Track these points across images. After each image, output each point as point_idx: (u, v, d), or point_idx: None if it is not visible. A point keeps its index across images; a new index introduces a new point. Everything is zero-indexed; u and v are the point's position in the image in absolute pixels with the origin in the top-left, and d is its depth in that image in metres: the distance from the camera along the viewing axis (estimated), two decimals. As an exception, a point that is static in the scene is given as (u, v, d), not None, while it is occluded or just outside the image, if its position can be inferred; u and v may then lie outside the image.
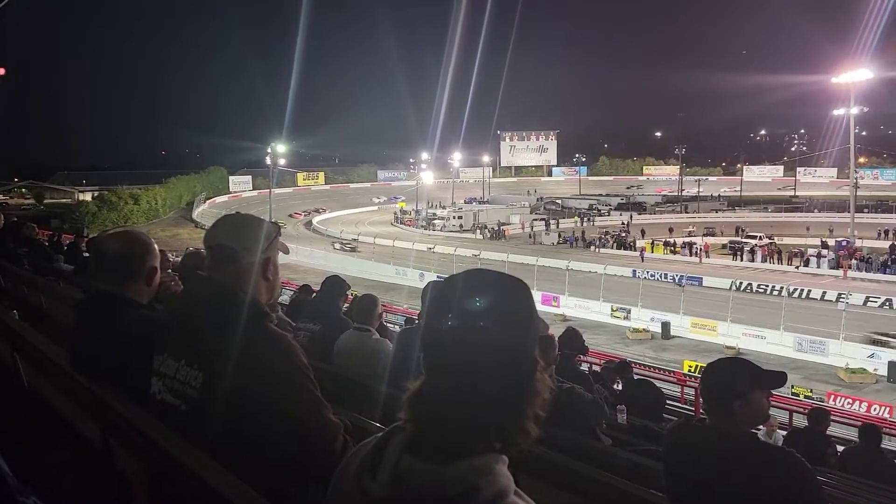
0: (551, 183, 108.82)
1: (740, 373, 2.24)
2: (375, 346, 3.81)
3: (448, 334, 1.00)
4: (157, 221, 71.08)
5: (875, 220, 56.17)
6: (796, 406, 14.91)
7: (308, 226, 71.96)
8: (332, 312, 4.71)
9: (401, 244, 50.52)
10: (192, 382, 1.61)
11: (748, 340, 25.46)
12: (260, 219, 1.86)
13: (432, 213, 74.05)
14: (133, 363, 1.82)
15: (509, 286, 1.05)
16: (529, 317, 1.04)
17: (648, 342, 27.02)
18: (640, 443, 4.38)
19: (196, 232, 63.50)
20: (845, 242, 44.15)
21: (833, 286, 34.92)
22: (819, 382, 21.07)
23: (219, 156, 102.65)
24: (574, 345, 5.33)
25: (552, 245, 55.84)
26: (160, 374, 1.70)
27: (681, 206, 75.17)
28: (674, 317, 28.01)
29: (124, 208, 68.60)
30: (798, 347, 24.37)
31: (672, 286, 33.72)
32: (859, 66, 51.01)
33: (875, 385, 21.36)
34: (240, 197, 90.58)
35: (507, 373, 1.00)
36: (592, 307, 31.11)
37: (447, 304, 1.01)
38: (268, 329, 1.64)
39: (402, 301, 28.92)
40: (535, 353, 1.03)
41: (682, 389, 15.34)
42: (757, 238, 49.56)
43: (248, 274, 1.71)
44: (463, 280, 1.05)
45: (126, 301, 2.10)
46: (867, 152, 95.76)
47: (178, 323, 1.74)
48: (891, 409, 17.76)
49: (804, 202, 74.89)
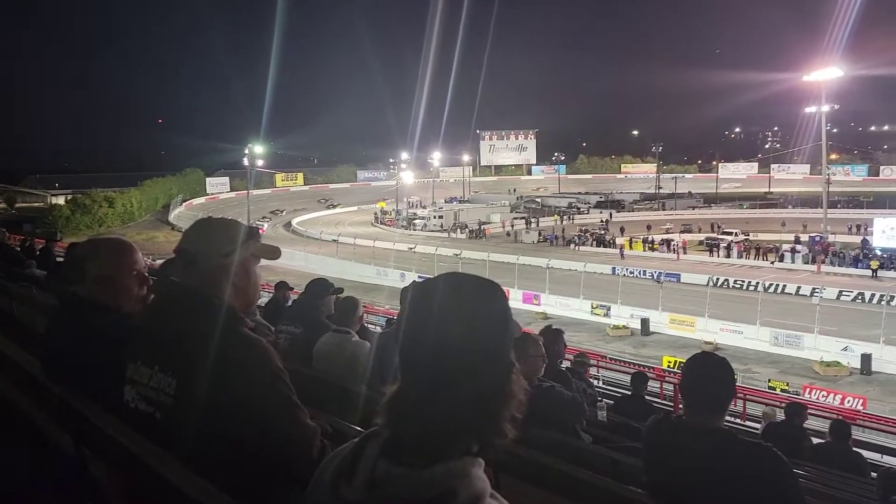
0: (531, 181, 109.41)
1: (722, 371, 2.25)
2: (355, 349, 3.79)
3: (423, 338, 1.00)
4: (132, 225, 70.17)
5: (847, 215, 57.14)
6: (773, 399, 15.13)
7: (287, 227, 71.51)
8: (314, 315, 4.68)
9: (381, 244, 50.32)
10: (165, 389, 1.59)
11: (726, 335, 25.79)
12: (235, 222, 1.82)
13: (413, 212, 73.96)
14: (106, 371, 1.79)
15: (484, 289, 1.05)
16: (504, 320, 1.04)
17: (628, 339, 27.25)
18: (621, 440, 4.41)
19: (173, 235, 62.77)
20: (818, 238, 44.92)
21: (807, 281, 35.50)
22: (795, 376, 21.41)
23: (196, 157, 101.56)
24: (554, 345, 5.34)
25: (532, 244, 56.09)
26: (133, 382, 1.67)
27: (658, 204, 75.91)
28: (653, 313, 28.28)
29: (98, 211, 67.57)
30: (774, 342, 24.74)
31: (651, 283, 34.01)
32: (829, 64, 51.88)
33: (849, 378, 21.76)
34: (217, 199, 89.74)
35: (483, 375, 1.00)
36: (573, 305, 31.30)
37: (423, 308, 1.01)
38: (241, 333, 1.62)
39: (384, 302, 28.87)
40: (510, 355, 1.04)
41: (661, 385, 15.46)
42: (732, 234, 50.25)
43: (219, 278, 1.68)
44: (437, 284, 1.05)
45: (100, 307, 2.06)
46: (839, 149, 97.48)
47: (151, 329, 1.71)
48: (864, 401, 18.09)
49: (779, 198, 76.03)
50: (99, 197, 69.26)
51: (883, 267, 38.74)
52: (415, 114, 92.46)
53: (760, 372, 21.95)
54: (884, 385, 21.09)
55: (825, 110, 51.11)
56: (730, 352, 24.80)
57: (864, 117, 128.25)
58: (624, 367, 19.50)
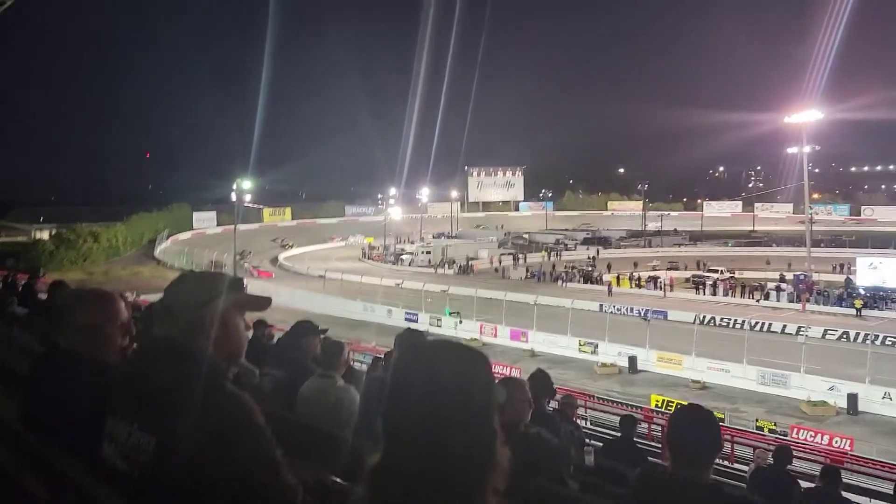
0: (518, 218, 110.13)
1: (708, 425, 2.24)
2: (340, 394, 3.74)
3: (407, 410, 1.00)
4: (117, 260, 69.54)
5: (830, 254, 57.83)
6: (761, 441, 15.07)
7: (274, 262, 71.23)
8: (298, 358, 4.63)
9: (369, 280, 50.17)
10: (144, 447, 1.56)
11: (713, 374, 25.79)
12: (217, 274, 1.82)
13: (400, 248, 74.00)
14: (85, 425, 1.75)
15: (467, 360, 1.06)
16: (488, 390, 1.05)
17: (616, 377, 27.16)
18: (609, 486, 4.36)
19: (158, 270, 62.24)
20: (803, 276, 45.35)
21: (793, 319, 35.75)
22: (782, 415, 21.36)
23: (183, 192, 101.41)
24: (543, 387, 5.31)
25: (520, 280, 56.19)
26: (112, 439, 1.64)
27: (645, 241, 76.50)
28: (640, 351, 28.25)
29: (83, 246, 66.91)
30: (761, 380, 24.75)
31: (638, 320, 34.08)
32: (810, 107, 53.12)
33: (836, 417, 21.74)
34: (204, 234, 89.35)
35: (468, 446, 0.99)
36: (560, 342, 31.23)
37: (407, 379, 1.01)
38: (223, 389, 1.60)
39: (371, 338, 28.64)
40: (494, 424, 1.03)
41: (649, 427, 15.36)
42: (718, 272, 50.65)
43: (202, 331, 1.67)
44: (422, 354, 1.05)
45: (82, 358, 2.03)
46: (821, 189, 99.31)
47: (131, 384, 1.69)
48: (851, 442, 18.04)
49: (763, 237, 76.88)
50: (84, 231, 68.66)
51: (866, 306, 39.14)
52: (403, 150, 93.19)
53: (748, 411, 21.89)
54: (871, 425, 21.08)
55: (807, 151, 52.11)
56: (717, 390, 24.83)
57: (844, 158, 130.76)
58: (612, 406, 19.41)
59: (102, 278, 55.37)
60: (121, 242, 73.32)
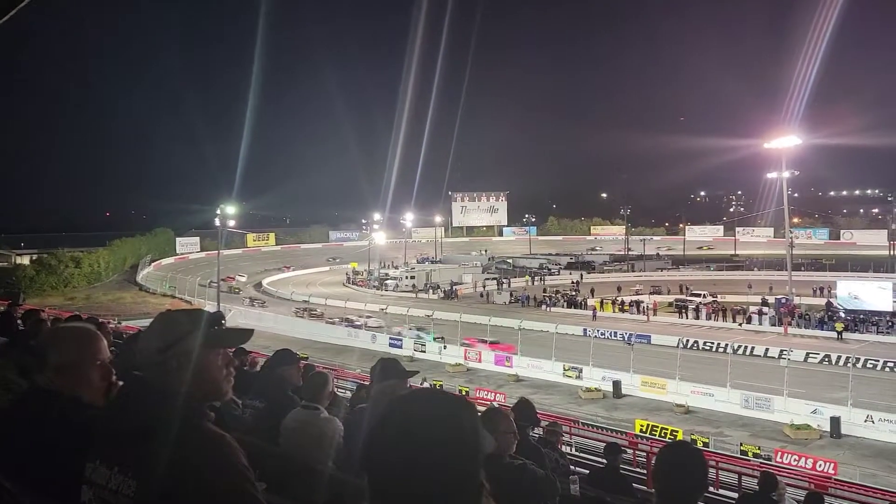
0: (502, 242, 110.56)
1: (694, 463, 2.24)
2: (323, 427, 3.70)
3: (391, 461, 0.99)
4: (99, 285, 68.73)
5: (810, 277, 58.54)
6: (745, 466, 15.07)
7: (258, 287, 70.74)
8: (279, 389, 4.58)
9: (353, 305, 49.98)
10: (124, 491, 1.53)
11: (697, 398, 25.82)
12: (198, 312, 1.79)
13: (385, 272, 73.85)
14: (62, 467, 1.72)
15: (454, 410, 1.05)
16: (474, 441, 1.04)
17: (601, 401, 27.11)
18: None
19: (140, 296, 61.58)
20: (784, 300, 45.80)
21: (775, 343, 36.03)
22: (766, 439, 21.41)
23: (166, 217, 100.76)
24: (526, 416, 5.30)
25: (504, 304, 56.21)
26: (91, 483, 1.61)
27: (628, 265, 76.97)
28: (624, 375, 28.26)
29: (64, 272, 66.14)
30: (745, 404, 24.81)
31: (622, 344, 34.16)
32: (789, 132, 54.10)
33: (819, 441, 21.82)
34: (187, 259, 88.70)
35: (454, 499, 0.99)
36: (545, 367, 31.18)
37: (390, 430, 1.01)
38: (204, 431, 1.57)
39: (354, 364, 28.44)
40: (479, 475, 1.03)
41: (634, 453, 15.31)
42: (701, 296, 51.02)
43: (183, 372, 1.65)
44: (405, 407, 1.04)
45: (60, 398, 1.99)
46: (800, 213, 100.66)
47: (110, 427, 1.66)
48: (835, 466, 18.09)
49: (744, 261, 77.67)
50: (65, 257, 67.92)
51: (847, 329, 39.55)
52: (387, 175, 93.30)
53: (732, 435, 21.92)
54: (853, 448, 21.19)
55: (786, 176, 52.95)
56: (701, 414, 24.85)
57: (823, 183, 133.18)
58: (597, 433, 19.34)
59: (84, 304, 54.63)
60: (103, 268, 72.53)
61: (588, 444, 17.20)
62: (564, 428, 14.43)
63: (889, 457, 20.34)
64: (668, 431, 20.92)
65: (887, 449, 21.04)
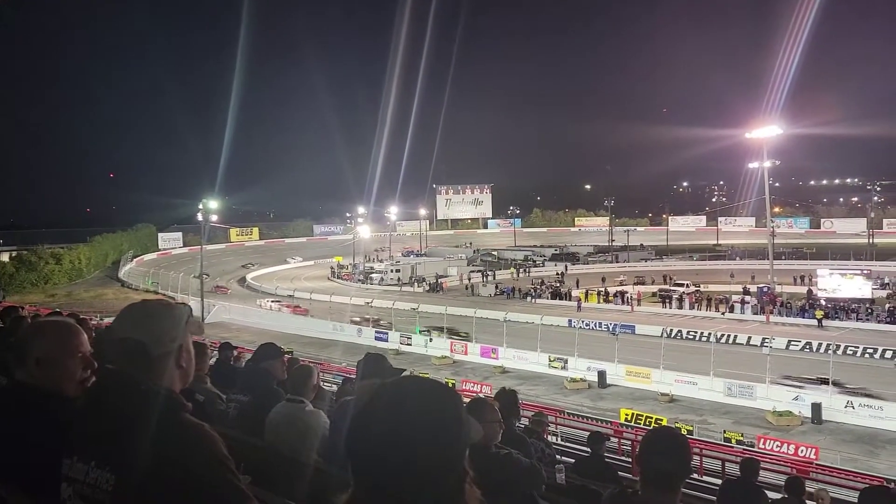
0: (487, 235, 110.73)
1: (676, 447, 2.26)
2: (308, 420, 3.69)
3: (376, 451, 0.99)
4: (80, 282, 68.03)
5: (791, 266, 59.22)
6: (728, 452, 15.25)
7: (241, 282, 70.31)
8: (263, 383, 4.57)
9: (338, 299, 49.79)
10: (102, 486, 1.51)
11: (681, 386, 26.07)
12: (169, 304, 1.78)
13: (370, 266, 73.66)
14: (43, 463, 1.70)
15: (438, 398, 1.05)
16: (458, 429, 1.04)
17: (586, 391, 27.29)
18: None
19: (122, 292, 60.98)
20: (766, 289, 46.30)
21: (757, 331, 36.45)
22: (749, 426, 21.69)
23: (148, 213, 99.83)
24: (511, 407, 5.32)
25: (490, 296, 56.33)
26: (70, 480, 1.59)
27: (612, 256, 77.39)
28: (609, 365, 28.46)
29: (45, 269, 65.39)
30: (728, 392, 25.09)
31: (607, 335, 34.38)
32: (770, 123, 54.55)
33: (801, 427, 22.15)
34: (169, 254, 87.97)
35: (437, 487, 0.99)
36: (530, 358, 31.31)
37: (374, 419, 1.01)
38: (183, 422, 1.56)
39: (339, 358, 28.40)
40: (463, 463, 1.03)
41: (619, 441, 15.45)
42: (684, 286, 51.45)
43: (161, 365, 1.63)
44: (390, 393, 1.04)
45: (41, 393, 1.97)
46: (781, 202, 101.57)
47: (86, 422, 1.63)
48: (816, 451, 18.37)
49: (726, 250, 78.37)
50: (45, 253, 67.13)
51: (828, 316, 40.10)
52: (372, 169, 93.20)
53: (715, 423, 22.18)
54: (834, 434, 21.53)
55: (767, 166, 53.41)
56: (685, 403, 25.11)
57: (803, 172, 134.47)
58: (582, 422, 19.48)
59: (65, 301, 54.05)
60: (84, 264, 71.77)
61: (574, 433, 17.33)
62: (550, 418, 14.53)
63: (869, 441, 20.71)
64: (652, 420, 21.12)
65: (867, 434, 21.40)
